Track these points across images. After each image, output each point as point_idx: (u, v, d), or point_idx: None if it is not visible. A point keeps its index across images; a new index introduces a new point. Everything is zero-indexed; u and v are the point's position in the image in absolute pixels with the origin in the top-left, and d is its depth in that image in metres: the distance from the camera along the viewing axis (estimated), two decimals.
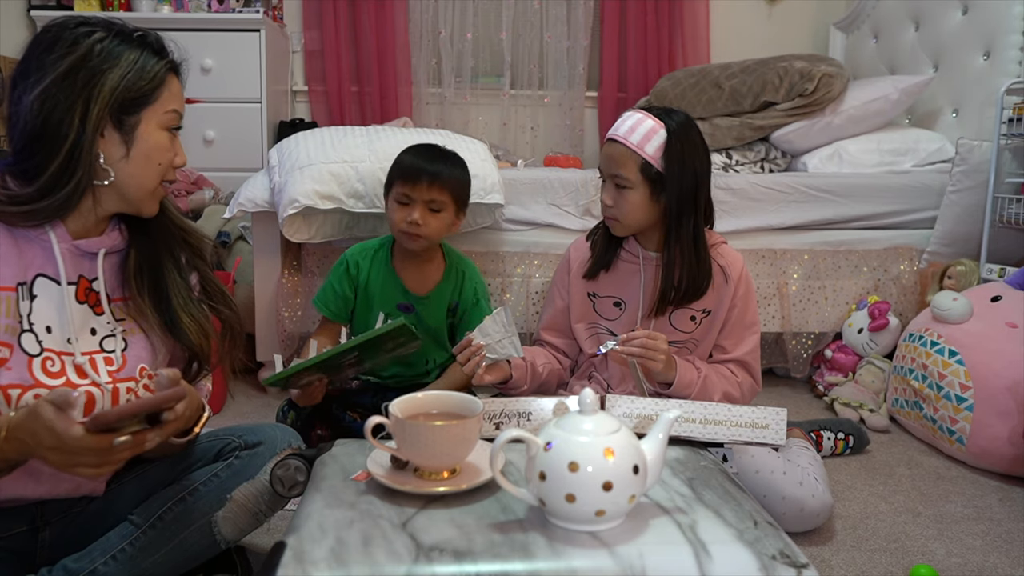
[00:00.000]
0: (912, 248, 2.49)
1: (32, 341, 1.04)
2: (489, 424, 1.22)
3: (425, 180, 1.70)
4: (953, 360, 1.96)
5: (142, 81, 1.06)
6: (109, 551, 1.11)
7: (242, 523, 1.15)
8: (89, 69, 1.02)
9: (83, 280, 1.11)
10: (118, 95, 1.04)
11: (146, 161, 1.08)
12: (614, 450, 0.85)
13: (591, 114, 3.63)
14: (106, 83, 1.03)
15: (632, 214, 1.57)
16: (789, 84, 2.70)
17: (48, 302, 1.07)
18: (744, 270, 1.67)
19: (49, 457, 0.91)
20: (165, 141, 1.10)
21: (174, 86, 1.11)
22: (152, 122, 1.08)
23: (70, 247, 1.09)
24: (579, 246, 1.74)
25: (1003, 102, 2.35)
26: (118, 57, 1.04)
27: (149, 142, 1.08)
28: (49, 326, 1.06)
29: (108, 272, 1.14)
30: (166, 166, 1.11)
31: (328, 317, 1.87)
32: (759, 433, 1.22)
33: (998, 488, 1.81)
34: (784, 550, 0.83)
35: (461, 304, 1.87)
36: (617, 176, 1.55)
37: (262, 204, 2.19)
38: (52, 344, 1.06)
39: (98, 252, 1.11)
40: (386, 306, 1.83)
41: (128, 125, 1.06)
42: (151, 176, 1.10)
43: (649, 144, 1.53)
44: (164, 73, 1.08)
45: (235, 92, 3.09)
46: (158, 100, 1.08)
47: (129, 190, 1.09)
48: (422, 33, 3.45)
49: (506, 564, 0.80)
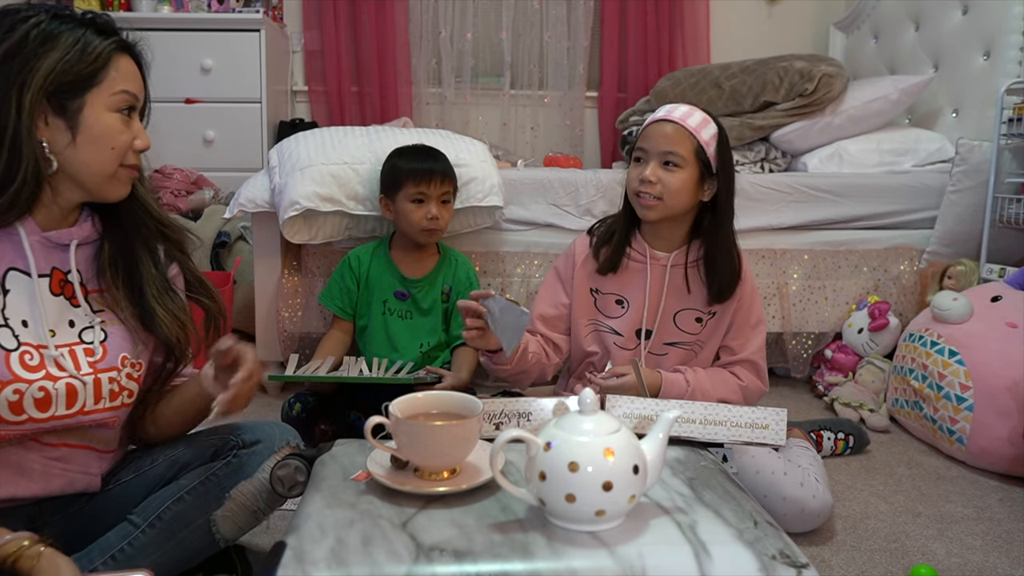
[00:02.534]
0: (912, 248, 2.49)
1: (8, 336, 1.03)
2: (489, 424, 1.22)
3: (437, 177, 1.91)
4: (953, 360, 1.96)
5: (82, 63, 1.01)
6: (108, 551, 1.11)
7: (241, 522, 1.15)
8: (24, 55, 0.99)
9: (56, 272, 1.09)
10: (53, 78, 0.99)
11: (95, 146, 1.04)
12: (614, 450, 0.85)
13: (591, 114, 3.63)
14: (40, 67, 0.99)
15: (678, 195, 1.56)
16: (789, 84, 2.70)
17: (20, 296, 1.05)
18: (748, 271, 1.67)
19: None
20: (116, 123, 1.05)
21: (124, 65, 1.06)
22: (98, 105, 1.03)
23: (40, 239, 1.06)
24: (584, 241, 1.74)
25: (1003, 102, 2.35)
26: (55, 39, 1.00)
27: (96, 126, 1.04)
28: (25, 320, 1.04)
29: (83, 263, 1.12)
30: (121, 149, 1.06)
31: (335, 313, 2.04)
32: (759, 433, 1.22)
33: (998, 488, 1.81)
34: (784, 550, 0.83)
35: (455, 288, 2.01)
36: (671, 153, 1.54)
37: (262, 204, 2.19)
38: (29, 338, 1.04)
39: (70, 243, 1.09)
40: (384, 293, 1.99)
41: (71, 110, 1.02)
42: (105, 161, 1.05)
43: (704, 131, 1.57)
44: (109, 52, 1.04)
45: (235, 92, 3.09)
46: (104, 81, 1.03)
47: (83, 177, 1.06)
48: (422, 33, 3.45)
49: (506, 564, 0.80)
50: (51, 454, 1.09)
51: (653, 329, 1.67)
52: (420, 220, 1.90)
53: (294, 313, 2.27)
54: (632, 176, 1.60)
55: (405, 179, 1.92)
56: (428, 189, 1.90)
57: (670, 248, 1.66)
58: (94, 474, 1.15)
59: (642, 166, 1.58)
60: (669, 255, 1.65)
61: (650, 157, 1.57)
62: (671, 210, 1.58)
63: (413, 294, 1.99)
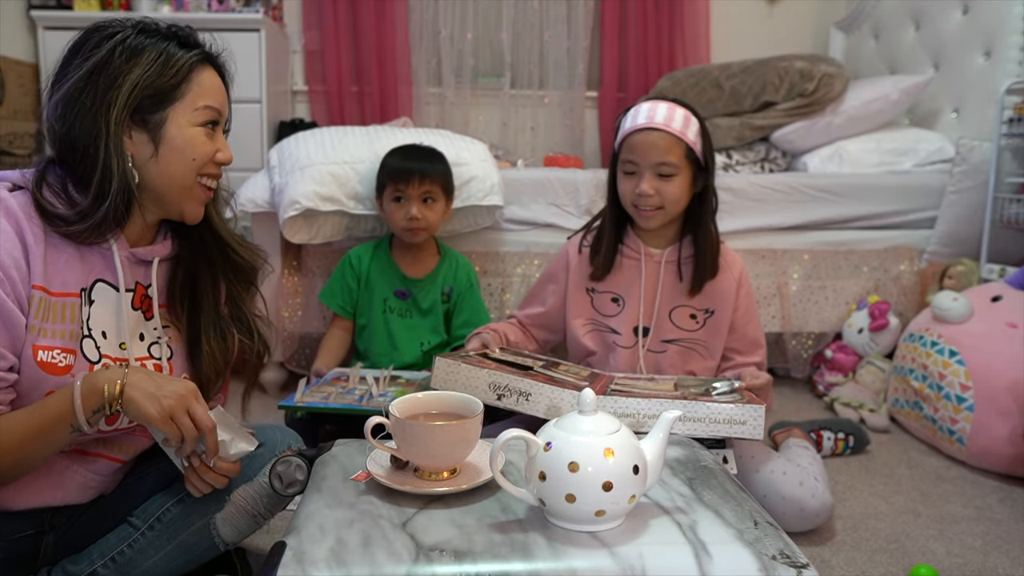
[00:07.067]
0: (912, 248, 2.49)
1: (92, 347, 1.05)
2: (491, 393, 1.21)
3: (416, 177, 1.91)
4: (953, 360, 1.96)
5: (164, 76, 1.03)
6: (108, 553, 1.11)
7: (241, 525, 1.14)
8: (110, 71, 1.01)
9: (139, 287, 1.12)
10: (137, 93, 1.01)
11: (177, 157, 1.06)
12: (614, 450, 0.85)
13: (591, 114, 3.63)
14: (125, 83, 1.01)
15: (678, 202, 1.58)
16: (789, 84, 2.70)
17: (106, 308, 1.07)
18: (743, 273, 1.69)
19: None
20: (198, 136, 1.07)
21: (206, 80, 1.08)
22: (181, 120, 1.05)
23: (128, 255, 1.09)
24: (576, 241, 1.75)
25: (1003, 102, 2.35)
26: (139, 55, 1.02)
27: (179, 138, 1.05)
28: (104, 331, 1.06)
29: (159, 280, 1.15)
30: (202, 161, 1.08)
31: (336, 311, 2.05)
32: (737, 429, 1.23)
33: (998, 488, 1.81)
34: (784, 550, 0.83)
35: (455, 289, 2.03)
36: (665, 164, 1.54)
37: (262, 204, 2.19)
38: (108, 350, 1.06)
39: (152, 260, 1.12)
40: (385, 292, 2.01)
41: (153, 123, 1.04)
42: (184, 172, 1.07)
43: (689, 130, 1.56)
44: (191, 66, 1.05)
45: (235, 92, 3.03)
46: (186, 96, 1.05)
47: (163, 190, 1.07)
48: (422, 33, 3.45)
49: (506, 564, 0.80)
50: (91, 465, 1.10)
51: (651, 327, 1.67)
52: (400, 220, 1.93)
53: (294, 313, 2.27)
54: (627, 190, 1.60)
55: (387, 179, 1.95)
56: (407, 189, 1.91)
57: (664, 244, 1.67)
58: (117, 479, 1.18)
59: (635, 179, 1.58)
60: (663, 252, 1.66)
61: (643, 170, 1.57)
62: (672, 216, 1.61)
63: (414, 294, 2.00)
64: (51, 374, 0.99)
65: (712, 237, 1.64)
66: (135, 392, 0.95)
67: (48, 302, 1.00)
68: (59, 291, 1.02)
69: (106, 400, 0.95)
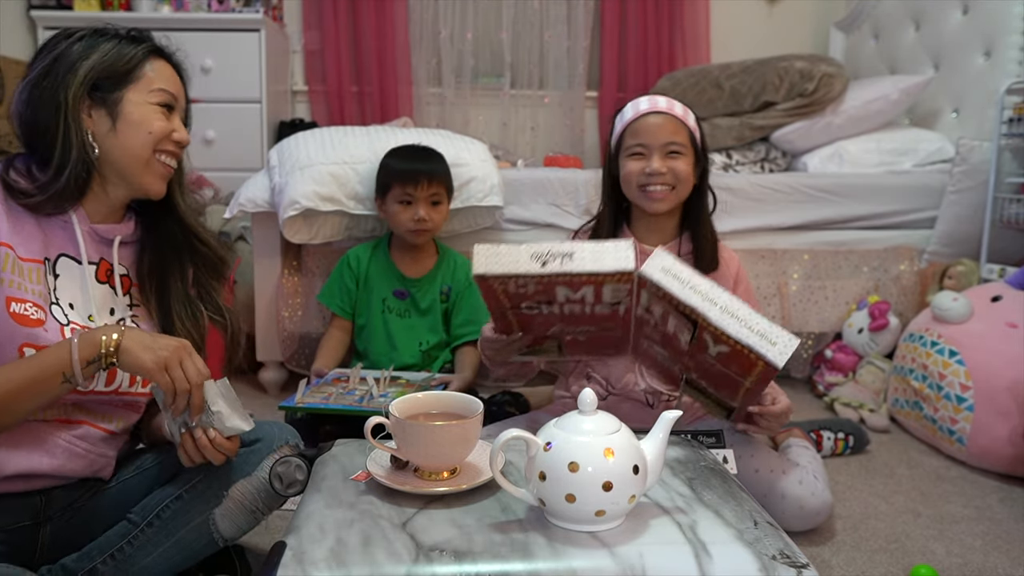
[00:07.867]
0: (912, 248, 2.49)
1: (60, 313, 1.08)
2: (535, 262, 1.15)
3: (424, 179, 1.90)
4: (953, 360, 1.96)
5: (119, 63, 1.11)
6: (107, 549, 1.11)
7: (240, 521, 1.15)
8: (69, 59, 1.09)
9: (104, 262, 1.16)
10: (92, 74, 1.09)
11: (134, 130, 1.11)
12: (614, 450, 0.85)
13: (591, 114, 3.64)
14: (82, 67, 1.09)
15: (687, 181, 1.59)
16: (789, 84, 2.70)
17: (71, 281, 1.11)
18: (740, 269, 1.68)
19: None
20: (154, 112, 1.13)
21: (159, 67, 1.15)
22: (137, 99, 1.12)
23: (89, 229, 1.14)
24: None
25: (1003, 102, 2.35)
26: (94, 48, 1.10)
27: (136, 113, 1.12)
28: (72, 303, 1.10)
29: (125, 260, 1.20)
30: (158, 135, 1.13)
31: (334, 311, 2.05)
32: (765, 346, 1.12)
33: (998, 488, 1.81)
34: (784, 550, 0.83)
35: (454, 288, 2.03)
36: (673, 143, 1.57)
37: (262, 204, 2.19)
38: (76, 319, 1.10)
39: (114, 239, 1.16)
40: (383, 292, 2.01)
41: (111, 101, 1.10)
42: (141, 144, 1.12)
43: (689, 118, 1.61)
44: (143, 55, 1.13)
45: (235, 92, 3.09)
46: (140, 80, 1.12)
47: (123, 162, 1.12)
48: (422, 33, 3.45)
49: (506, 564, 0.80)
50: (75, 431, 1.12)
51: None
52: (407, 222, 1.93)
53: (294, 313, 2.27)
54: (634, 170, 1.59)
55: (393, 181, 1.93)
56: (415, 191, 1.91)
57: (662, 241, 1.66)
58: (110, 456, 1.18)
59: (644, 160, 1.58)
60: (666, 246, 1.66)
61: (652, 151, 1.58)
62: (681, 197, 1.61)
63: (412, 293, 2.00)
64: (23, 325, 1.02)
65: (710, 231, 1.65)
66: (131, 343, 1.00)
67: (17, 262, 1.05)
68: (25, 256, 1.06)
69: (103, 351, 0.99)
